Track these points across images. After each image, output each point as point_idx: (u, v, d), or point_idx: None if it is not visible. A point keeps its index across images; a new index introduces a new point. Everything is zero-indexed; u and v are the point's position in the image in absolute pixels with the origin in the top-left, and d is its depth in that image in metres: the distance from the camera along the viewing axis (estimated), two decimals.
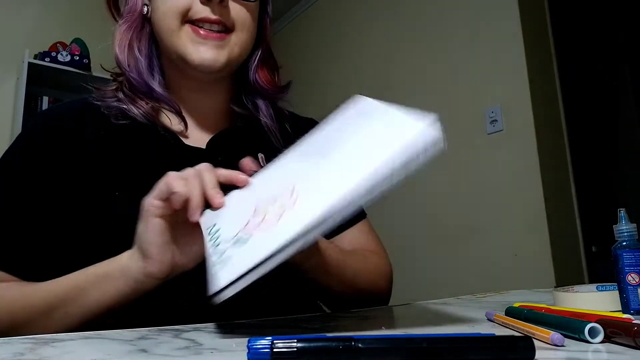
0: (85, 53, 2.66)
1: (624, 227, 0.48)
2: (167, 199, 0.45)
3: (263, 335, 0.32)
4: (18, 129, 2.41)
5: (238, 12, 0.63)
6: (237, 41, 0.64)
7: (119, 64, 0.65)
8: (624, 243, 0.48)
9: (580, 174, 2.20)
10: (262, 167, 0.66)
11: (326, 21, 3.13)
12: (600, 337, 0.34)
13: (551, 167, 1.98)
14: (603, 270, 2.55)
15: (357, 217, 0.77)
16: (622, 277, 0.47)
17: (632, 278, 0.46)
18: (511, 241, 1.97)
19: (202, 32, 0.61)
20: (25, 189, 0.59)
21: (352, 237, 0.73)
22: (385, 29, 2.66)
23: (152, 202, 0.45)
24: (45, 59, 2.54)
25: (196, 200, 0.45)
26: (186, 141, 0.65)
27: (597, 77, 3.15)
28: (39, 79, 2.56)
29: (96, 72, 2.65)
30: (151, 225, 0.45)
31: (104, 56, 0.74)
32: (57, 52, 2.58)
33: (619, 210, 0.50)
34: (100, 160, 0.60)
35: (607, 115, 3.07)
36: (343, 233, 0.73)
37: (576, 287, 0.55)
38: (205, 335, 0.42)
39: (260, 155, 0.68)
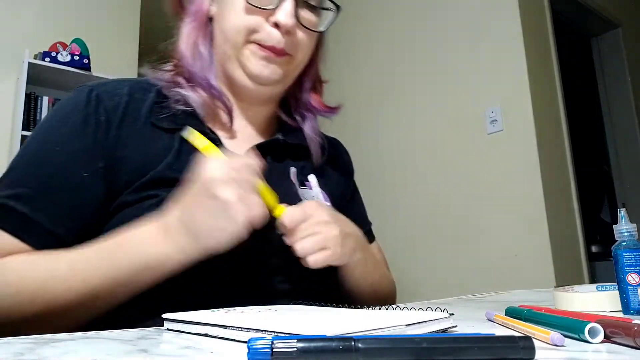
0: (85, 53, 2.65)
1: (624, 227, 0.48)
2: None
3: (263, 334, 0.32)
4: (18, 129, 2.40)
5: (302, 39, 0.65)
6: (296, 64, 0.66)
7: (181, 59, 0.65)
8: (624, 243, 0.48)
9: (580, 174, 2.20)
10: (292, 182, 0.66)
11: None
12: (600, 337, 0.34)
13: (551, 167, 1.98)
14: (603, 270, 2.55)
15: (368, 239, 0.77)
16: (622, 277, 0.47)
17: (632, 278, 0.46)
18: (511, 241, 1.97)
19: (266, 51, 0.62)
20: (63, 161, 0.56)
21: None
22: (386, 30, 2.66)
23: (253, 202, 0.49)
24: (45, 59, 2.54)
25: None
26: (228, 145, 0.64)
27: (596, 77, 3.15)
28: (39, 79, 2.56)
29: (96, 72, 2.65)
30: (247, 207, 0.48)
31: (104, 56, 0.73)
32: (57, 52, 2.57)
33: (619, 210, 0.50)
34: (145, 146, 0.59)
35: (607, 116, 3.08)
36: None
37: (576, 287, 0.55)
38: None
39: (292, 170, 0.68)
